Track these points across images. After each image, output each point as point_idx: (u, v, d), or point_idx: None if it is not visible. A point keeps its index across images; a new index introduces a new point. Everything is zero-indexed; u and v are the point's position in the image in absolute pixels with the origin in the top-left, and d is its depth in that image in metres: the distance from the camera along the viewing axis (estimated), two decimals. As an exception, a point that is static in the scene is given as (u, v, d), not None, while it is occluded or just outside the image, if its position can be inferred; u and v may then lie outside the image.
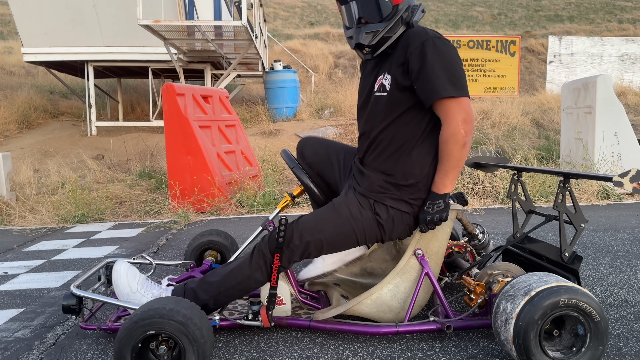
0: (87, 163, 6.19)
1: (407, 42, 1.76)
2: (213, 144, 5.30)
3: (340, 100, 9.58)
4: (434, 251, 1.91)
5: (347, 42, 1.88)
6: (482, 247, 2.48)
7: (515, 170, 2.32)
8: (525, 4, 24.37)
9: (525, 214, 2.28)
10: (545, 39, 14.87)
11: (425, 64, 1.68)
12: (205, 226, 4.17)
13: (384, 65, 1.85)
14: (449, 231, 1.93)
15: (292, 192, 2.14)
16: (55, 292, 2.56)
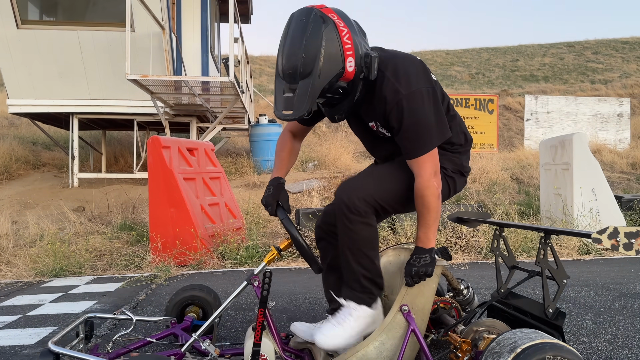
0: (67, 215, 6.09)
1: (384, 96, 1.81)
2: (197, 196, 5.29)
3: (324, 153, 9.71)
4: (420, 307, 1.90)
5: None
6: (467, 303, 2.48)
7: (498, 225, 2.36)
8: (502, 64, 25.45)
9: (509, 269, 2.30)
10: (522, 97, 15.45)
11: (402, 125, 1.80)
12: (187, 280, 4.09)
13: (368, 114, 1.93)
14: (435, 287, 1.93)
15: (278, 246, 2.13)
16: (30, 350, 2.45)
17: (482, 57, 27.19)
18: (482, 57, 27.17)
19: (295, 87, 1.66)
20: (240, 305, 3.21)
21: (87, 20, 7.66)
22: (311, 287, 3.76)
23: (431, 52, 29.49)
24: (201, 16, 8.38)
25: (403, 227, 4.91)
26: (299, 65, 1.63)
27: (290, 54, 1.64)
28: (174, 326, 2.30)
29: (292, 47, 1.65)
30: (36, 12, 7.91)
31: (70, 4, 7.98)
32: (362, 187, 1.87)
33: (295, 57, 1.63)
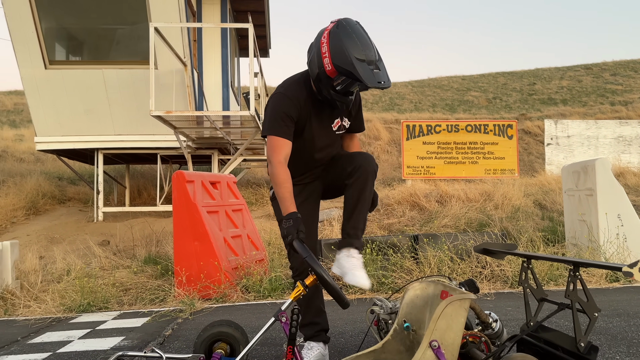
0: (93, 249, 6.20)
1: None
2: (220, 229, 5.35)
3: (344, 183, 9.72)
4: (449, 342, 1.90)
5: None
6: (496, 336, 2.45)
7: (525, 257, 2.35)
8: (519, 88, 25.43)
9: (537, 301, 2.27)
10: (541, 121, 15.38)
11: (361, 109, 2.68)
12: (212, 314, 4.11)
13: (335, 114, 2.55)
14: (464, 321, 1.93)
15: (304, 282, 2.16)
16: (60, 388, 2.49)
17: (498, 82, 27.22)
18: (499, 82, 27.20)
19: (382, 66, 2.24)
20: (266, 340, 3.21)
21: (112, 59, 7.94)
22: (335, 321, 3.74)
23: (447, 77, 29.65)
24: (221, 52, 8.63)
25: (427, 257, 4.88)
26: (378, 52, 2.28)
27: (373, 46, 2.26)
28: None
29: (369, 41, 2.26)
30: (63, 52, 8.23)
31: (95, 44, 8.30)
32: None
33: (375, 47, 2.26)
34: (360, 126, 2.69)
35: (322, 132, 2.52)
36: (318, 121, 2.50)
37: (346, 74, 2.22)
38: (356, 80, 2.22)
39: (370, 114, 19.02)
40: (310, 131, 2.49)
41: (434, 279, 2.35)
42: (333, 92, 2.32)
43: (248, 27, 6.45)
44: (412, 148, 9.96)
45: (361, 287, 2.26)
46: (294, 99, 2.40)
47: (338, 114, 2.54)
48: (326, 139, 2.55)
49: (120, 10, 7.75)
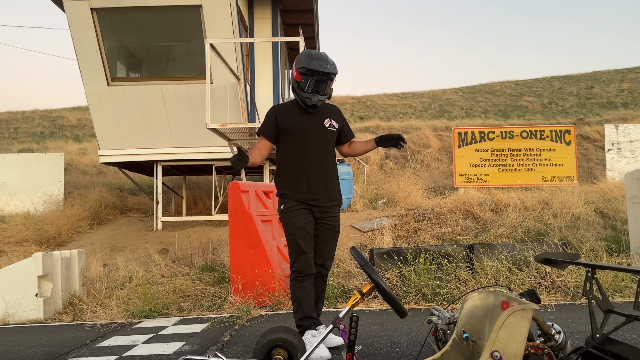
0: (153, 257, 6.46)
1: (332, 106, 3.38)
2: (273, 238, 5.46)
3: (394, 190, 9.69)
4: (511, 353, 1.87)
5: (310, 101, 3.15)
6: (560, 349, 2.37)
7: (589, 267, 2.28)
8: (576, 92, 24.47)
9: (604, 313, 2.19)
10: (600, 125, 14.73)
11: (346, 121, 3.42)
12: (267, 321, 4.19)
13: (322, 114, 3.25)
14: (526, 332, 1.89)
15: (361, 290, 2.18)
16: (129, 389, 2.61)
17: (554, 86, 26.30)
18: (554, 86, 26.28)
19: (331, 64, 3.12)
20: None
21: (169, 75, 8.29)
22: (390, 330, 3.73)
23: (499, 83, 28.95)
24: (272, 65, 8.83)
25: (483, 267, 4.78)
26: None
27: (325, 56, 3.13)
28: (262, 368, 2.37)
29: (322, 54, 3.14)
30: (124, 70, 8.67)
31: (154, 61, 8.69)
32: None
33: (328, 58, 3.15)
34: (351, 134, 3.44)
35: (313, 125, 3.21)
36: (308, 119, 3.21)
37: (303, 71, 3.06)
38: (309, 71, 3.03)
39: (419, 122, 18.83)
40: (301, 125, 3.19)
41: (494, 289, 2.31)
42: (303, 93, 3.11)
43: (299, 40, 6.58)
44: (464, 155, 9.79)
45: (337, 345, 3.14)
46: (277, 107, 3.30)
47: (326, 115, 3.26)
48: (318, 130, 3.20)
49: (177, 28, 8.10)
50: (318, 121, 3.22)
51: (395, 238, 6.88)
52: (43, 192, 9.82)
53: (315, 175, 3.19)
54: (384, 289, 2.03)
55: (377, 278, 2.04)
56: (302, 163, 3.20)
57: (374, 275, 2.05)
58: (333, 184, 3.26)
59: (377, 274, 2.06)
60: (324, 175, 3.21)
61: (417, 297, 4.65)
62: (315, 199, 3.18)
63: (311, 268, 3.17)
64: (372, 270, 2.07)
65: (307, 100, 3.12)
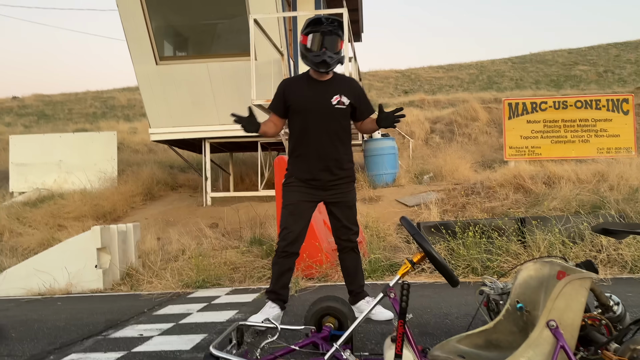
0: (204, 231, 6.66)
1: (349, 80, 3.33)
2: (320, 212, 5.49)
3: (440, 165, 9.52)
4: (568, 323, 1.82)
5: (322, 63, 3.02)
6: (618, 320, 2.30)
7: (652, 237, 2.18)
8: (634, 59, 23.09)
9: (668, 284, 2.10)
10: (661, 94, 13.85)
11: (365, 96, 3.28)
12: (315, 292, 4.26)
13: (334, 89, 3.13)
14: (584, 301, 1.84)
15: (411, 259, 2.17)
16: (187, 355, 2.74)
17: (609, 54, 24.90)
18: (610, 54, 24.88)
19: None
20: (369, 317, 3.28)
21: (214, 53, 8.38)
22: (439, 302, 3.72)
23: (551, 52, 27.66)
24: (316, 39, 8.75)
25: (535, 240, 4.66)
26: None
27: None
28: (314, 335, 2.43)
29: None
30: (171, 49, 8.83)
31: (199, 39, 8.80)
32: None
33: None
34: (368, 111, 3.26)
35: (319, 102, 3.10)
36: (315, 94, 3.11)
37: (307, 31, 3.02)
38: (313, 26, 2.99)
39: (466, 94, 18.31)
40: (306, 102, 3.11)
41: (549, 259, 2.25)
42: (311, 53, 3.00)
43: (342, 12, 6.48)
44: (514, 128, 9.45)
45: (387, 319, 3.14)
46: (286, 82, 3.25)
47: (336, 91, 3.11)
48: (322, 108, 3.09)
49: (221, 5, 8.14)
50: (326, 98, 3.10)
51: (443, 212, 6.79)
52: (98, 169, 10.24)
53: (315, 155, 3.12)
54: (435, 257, 2.02)
55: (429, 247, 2.03)
56: (303, 142, 3.15)
57: (425, 244, 2.03)
58: (339, 162, 3.15)
59: (428, 242, 2.05)
60: (326, 156, 3.11)
61: (466, 270, 4.60)
62: (315, 179, 3.13)
63: (292, 246, 3.15)
64: (423, 239, 2.05)
65: (315, 59, 2.99)
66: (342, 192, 3.18)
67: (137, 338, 3.14)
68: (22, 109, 22.63)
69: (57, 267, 5.15)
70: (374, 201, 7.97)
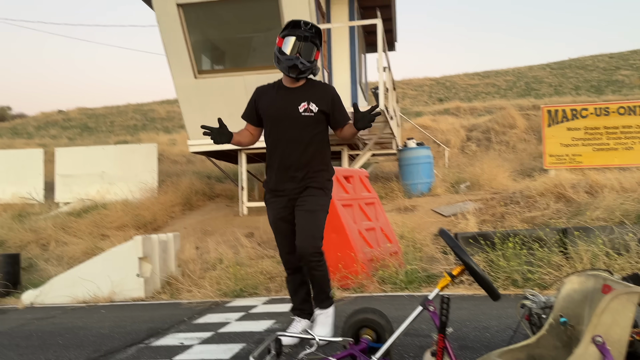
0: (240, 240, 6.75)
1: (322, 86, 3.11)
2: (355, 222, 5.50)
3: (477, 173, 9.38)
4: (615, 338, 1.77)
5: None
6: (669, 337, 2.21)
7: None
8: (681, 62, 22.20)
9: None
10: None
11: (340, 104, 3.07)
12: (351, 303, 4.26)
13: (302, 96, 2.99)
14: (632, 317, 1.79)
15: (451, 272, 2.16)
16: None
17: (655, 57, 24.00)
18: (655, 57, 23.98)
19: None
20: (408, 330, 3.25)
21: (250, 66, 8.53)
22: (478, 315, 3.66)
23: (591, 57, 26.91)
24: (349, 50, 8.81)
25: (577, 251, 4.53)
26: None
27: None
28: (352, 347, 2.43)
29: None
30: (208, 63, 9.04)
31: (236, 53, 8.98)
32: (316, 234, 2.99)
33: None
34: (343, 119, 3.07)
35: (286, 110, 2.98)
36: (283, 102, 3.01)
37: (283, 34, 2.98)
38: (289, 30, 2.97)
39: (503, 101, 18.00)
40: (273, 110, 3.03)
41: (593, 272, 2.19)
42: (284, 57, 2.91)
43: (377, 22, 6.51)
44: (554, 135, 9.23)
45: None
46: (258, 90, 3.21)
47: (305, 98, 2.98)
48: (288, 117, 2.97)
49: (257, 19, 8.30)
50: (293, 105, 2.97)
51: (481, 222, 6.68)
52: (139, 180, 10.54)
53: (281, 165, 3.00)
54: (475, 271, 2.00)
55: (469, 260, 2.01)
56: (272, 151, 3.05)
57: (465, 257, 2.02)
58: (306, 172, 2.98)
59: (468, 255, 2.03)
60: (291, 166, 2.97)
61: (506, 282, 4.50)
62: (281, 190, 3.03)
63: (288, 263, 3.13)
64: (463, 252, 2.04)
65: (287, 62, 2.89)
66: (306, 195, 2.99)
67: (178, 347, 3.21)
68: (66, 122, 23.57)
69: (101, 276, 5.33)
70: (409, 211, 7.91)
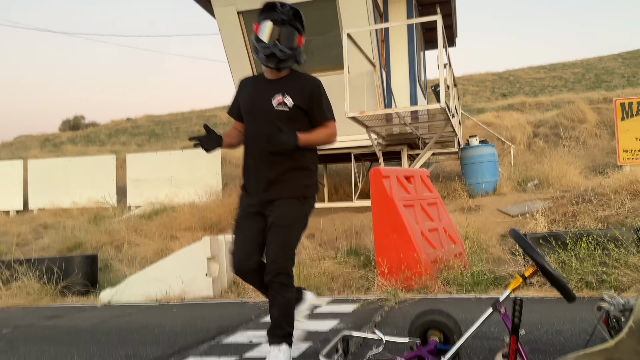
0: (301, 241, 6.84)
1: (304, 79, 2.74)
2: (417, 222, 5.43)
3: (546, 171, 8.99)
4: None
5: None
6: None
7: None
8: None
9: None
10: None
11: (321, 100, 2.71)
12: (416, 304, 4.21)
13: (279, 89, 2.67)
14: None
15: (523, 273, 2.10)
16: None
17: None
18: None
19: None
20: (476, 333, 3.18)
21: (308, 69, 8.60)
22: (551, 318, 3.52)
23: (669, 43, 25.04)
24: (408, 49, 8.71)
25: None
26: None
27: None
28: (419, 348, 2.41)
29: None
30: (268, 67, 9.23)
31: (294, 56, 9.11)
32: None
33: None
34: (321, 117, 2.75)
35: (259, 104, 2.70)
36: (259, 95, 2.72)
37: (259, 17, 2.65)
38: (265, 14, 2.63)
39: (571, 95, 17.16)
40: (249, 104, 2.76)
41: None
42: (260, 44, 2.60)
43: (436, 18, 6.41)
44: (629, 129, 8.70)
45: None
46: (241, 82, 2.90)
47: (281, 90, 2.67)
48: (261, 110, 2.69)
49: (314, 22, 8.38)
50: (266, 98, 2.67)
51: (550, 222, 6.41)
52: (204, 184, 10.93)
53: (252, 164, 2.72)
54: (549, 271, 1.94)
55: (542, 260, 1.95)
56: (246, 149, 2.78)
57: (538, 258, 1.95)
58: (279, 174, 2.65)
59: (541, 256, 1.96)
60: (261, 165, 2.66)
61: (580, 284, 4.30)
62: (252, 192, 2.73)
63: (238, 268, 2.73)
64: (536, 253, 1.98)
65: (265, 51, 2.58)
66: (276, 206, 2.66)
67: (247, 344, 3.31)
68: (135, 129, 24.81)
69: (172, 276, 5.57)
70: (474, 211, 7.71)
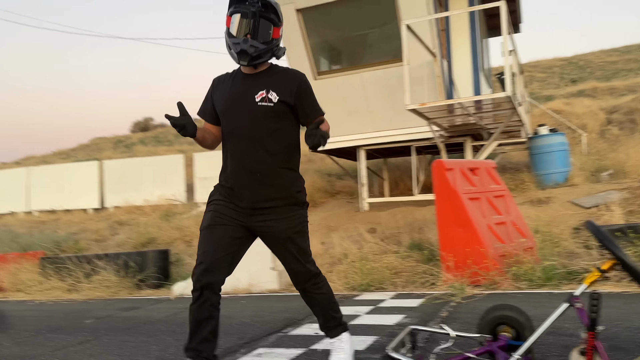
0: (363, 236, 6.85)
1: (288, 73, 2.55)
2: (483, 216, 5.29)
3: (622, 160, 8.48)
4: None
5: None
6: None
7: None
8: None
9: None
10: None
11: (310, 94, 2.54)
12: (484, 300, 4.11)
13: (262, 84, 2.45)
14: None
15: (600, 266, 2.00)
16: (362, 355, 2.86)
17: None
18: None
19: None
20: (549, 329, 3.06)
21: (367, 63, 8.58)
22: (630, 314, 3.33)
23: None
24: (470, 36, 8.47)
25: None
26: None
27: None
28: (490, 344, 2.36)
29: None
30: (326, 63, 9.27)
31: (352, 51, 9.10)
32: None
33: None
34: (313, 113, 2.55)
35: (241, 100, 2.47)
36: (239, 91, 2.50)
37: (229, 10, 2.41)
38: (234, 3, 2.39)
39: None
40: (228, 101, 2.50)
41: None
42: (231, 39, 2.38)
43: (500, 4, 6.18)
44: None
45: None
46: (214, 80, 2.63)
47: (264, 85, 2.46)
48: (244, 107, 2.45)
49: (372, 15, 8.33)
50: (248, 93, 2.44)
51: (628, 213, 6.05)
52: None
53: (240, 167, 2.44)
54: (629, 265, 1.84)
55: (621, 253, 1.85)
56: (228, 150, 2.50)
57: (617, 250, 1.86)
58: (265, 177, 2.42)
59: (619, 248, 1.86)
60: (245, 168, 2.42)
61: (662, 279, 4.02)
62: (238, 199, 2.45)
63: (200, 281, 2.38)
64: (614, 245, 1.88)
65: (235, 48, 2.35)
66: (273, 218, 2.45)
67: (314, 336, 3.37)
68: (200, 129, 25.66)
69: (239, 269, 5.70)
70: (543, 203, 7.41)
